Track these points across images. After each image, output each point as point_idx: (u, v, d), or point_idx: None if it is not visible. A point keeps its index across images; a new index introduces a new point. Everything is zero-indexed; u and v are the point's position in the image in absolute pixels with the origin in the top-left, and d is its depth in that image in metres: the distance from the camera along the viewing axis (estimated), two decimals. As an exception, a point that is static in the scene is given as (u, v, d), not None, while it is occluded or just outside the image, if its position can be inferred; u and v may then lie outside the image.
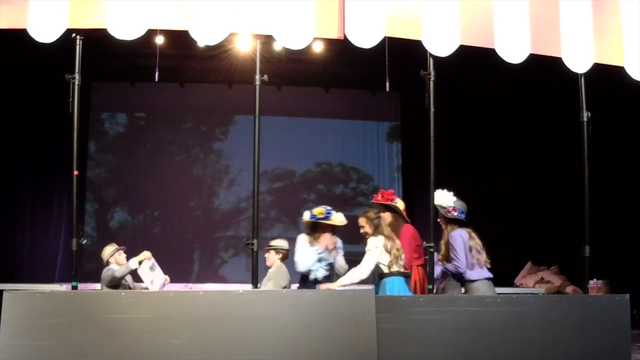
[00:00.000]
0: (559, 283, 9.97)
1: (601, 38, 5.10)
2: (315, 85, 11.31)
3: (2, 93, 9.83)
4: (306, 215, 5.47)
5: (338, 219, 5.42)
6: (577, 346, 4.62)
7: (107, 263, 6.37)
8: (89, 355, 4.10)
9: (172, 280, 6.68)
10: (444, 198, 5.32)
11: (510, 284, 10.05)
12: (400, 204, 5.66)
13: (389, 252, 5.08)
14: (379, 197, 5.67)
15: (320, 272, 5.34)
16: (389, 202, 5.63)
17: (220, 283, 10.35)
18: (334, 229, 5.45)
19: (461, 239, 5.14)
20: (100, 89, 10.79)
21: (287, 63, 10.17)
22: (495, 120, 10.70)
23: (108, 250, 6.40)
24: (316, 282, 5.32)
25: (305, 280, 5.39)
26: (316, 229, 5.41)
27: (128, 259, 6.34)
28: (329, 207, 5.46)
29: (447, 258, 5.16)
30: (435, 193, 5.26)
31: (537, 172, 10.55)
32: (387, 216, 5.54)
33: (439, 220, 5.27)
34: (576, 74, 5.16)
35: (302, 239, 5.41)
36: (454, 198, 5.33)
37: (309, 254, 5.33)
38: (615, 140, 8.90)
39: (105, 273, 6.25)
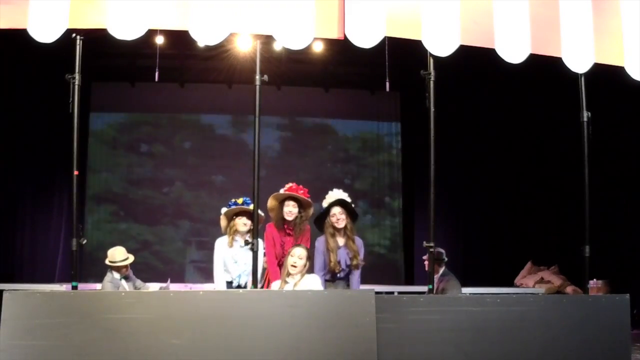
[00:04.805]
0: (559, 283, 9.96)
1: (601, 38, 5.10)
2: (315, 85, 11.30)
3: (2, 93, 9.83)
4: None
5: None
6: (577, 346, 4.62)
7: (109, 264, 6.12)
8: (89, 355, 4.11)
9: (172, 281, 6.66)
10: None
11: (510, 284, 10.06)
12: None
13: None
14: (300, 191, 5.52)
15: None
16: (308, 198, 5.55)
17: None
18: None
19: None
20: (100, 89, 10.78)
21: (287, 63, 10.18)
22: (495, 120, 10.71)
23: (119, 257, 6.09)
24: None
25: None
26: None
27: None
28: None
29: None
30: (338, 192, 5.36)
31: (537, 171, 10.56)
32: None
33: (344, 218, 5.31)
34: (576, 74, 5.16)
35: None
36: None
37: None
38: (615, 140, 8.90)
39: (106, 283, 6.08)
